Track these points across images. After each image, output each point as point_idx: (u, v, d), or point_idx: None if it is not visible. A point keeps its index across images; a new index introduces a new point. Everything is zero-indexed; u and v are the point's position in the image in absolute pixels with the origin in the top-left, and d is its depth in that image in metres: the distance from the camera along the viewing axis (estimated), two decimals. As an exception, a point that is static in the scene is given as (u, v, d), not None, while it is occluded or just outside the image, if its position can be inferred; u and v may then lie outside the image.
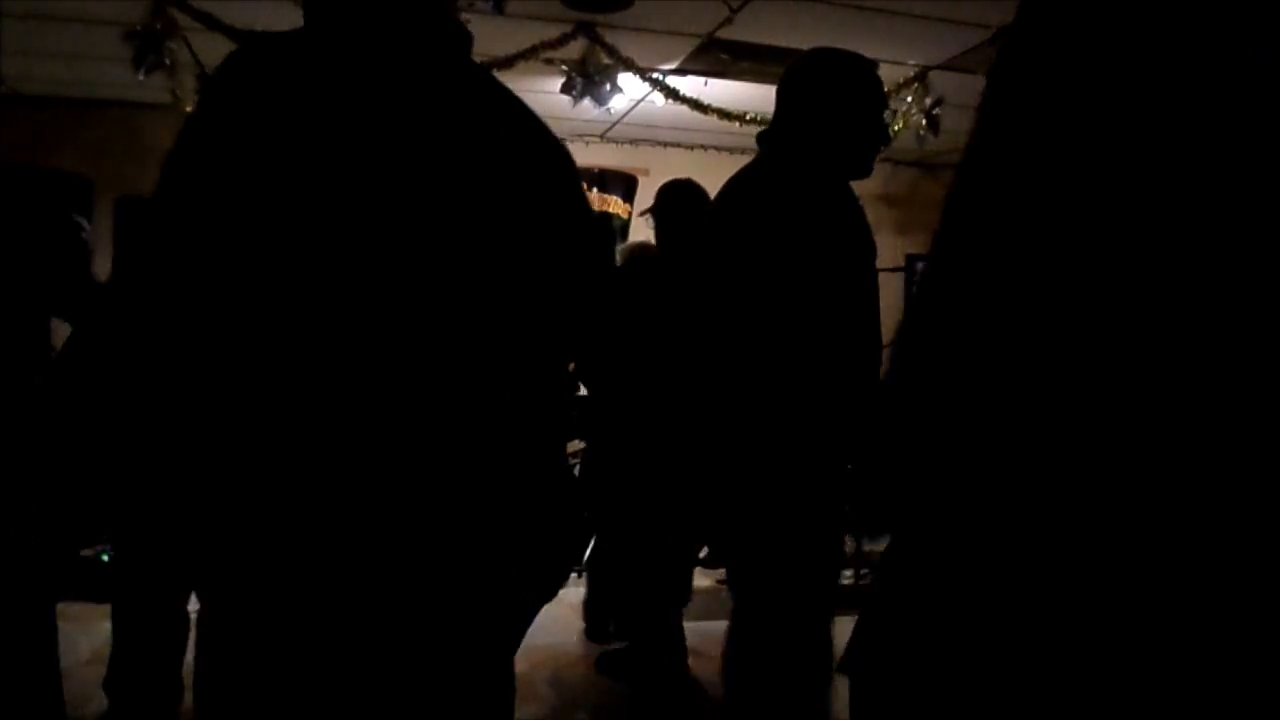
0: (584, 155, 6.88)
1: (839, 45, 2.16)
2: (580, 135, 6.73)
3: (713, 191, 7.96)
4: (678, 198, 3.41)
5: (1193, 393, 0.60)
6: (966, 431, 0.70)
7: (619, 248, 4.24)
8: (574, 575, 5.02)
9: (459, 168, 1.06)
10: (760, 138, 2.15)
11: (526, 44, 4.51)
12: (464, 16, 4.73)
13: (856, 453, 1.94)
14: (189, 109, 4.60)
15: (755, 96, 5.44)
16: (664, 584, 3.75)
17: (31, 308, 2.59)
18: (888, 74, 5.07)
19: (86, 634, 2.72)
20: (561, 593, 5.31)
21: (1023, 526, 0.67)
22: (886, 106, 2.05)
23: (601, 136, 6.73)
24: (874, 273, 2.11)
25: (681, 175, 6.88)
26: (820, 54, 2.10)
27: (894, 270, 4.15)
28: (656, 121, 6.16)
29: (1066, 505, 0.65)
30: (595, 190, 6.99)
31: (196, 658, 1.05)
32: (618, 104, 5.23)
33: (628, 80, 4.94)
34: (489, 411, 1.02)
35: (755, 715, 2.07)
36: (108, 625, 2.66)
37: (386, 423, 0.96)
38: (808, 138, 2.01)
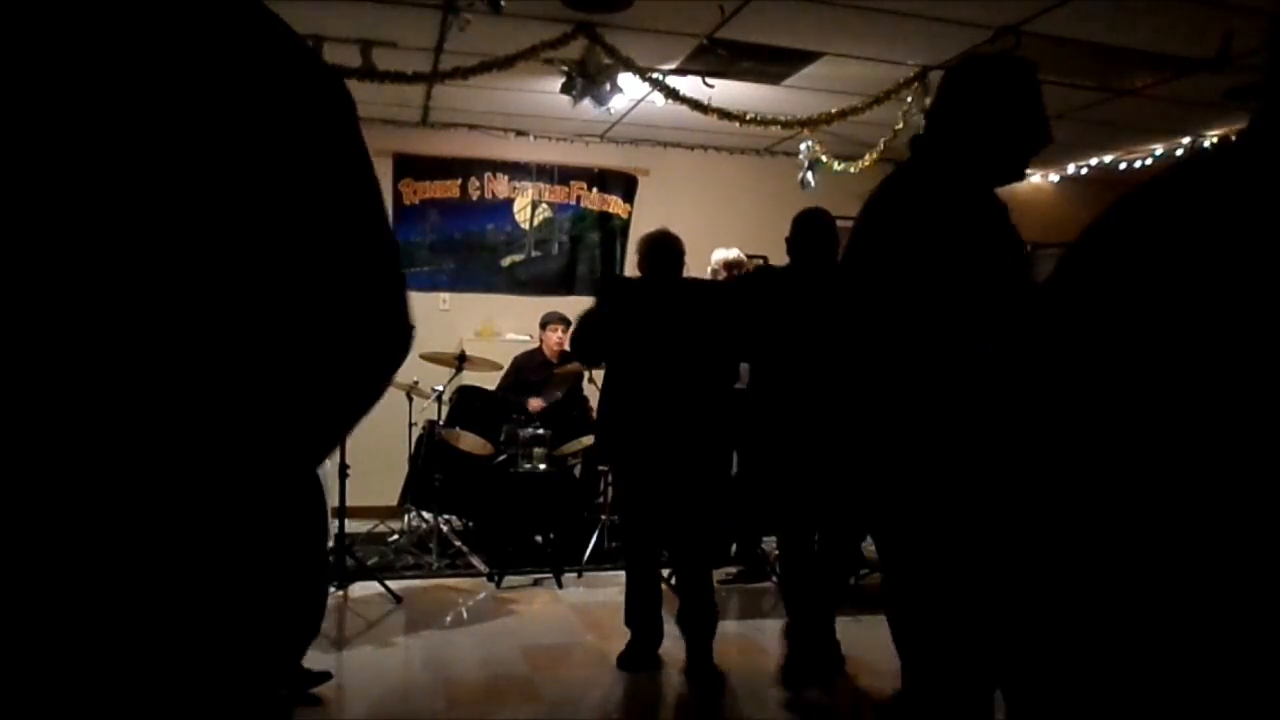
0: (584, 155, 6.88)
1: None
2: (580, 135, 6.73)
3: (711, 190, 7.90)
4: (811, 227, 3.63)
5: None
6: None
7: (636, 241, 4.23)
8: (574, 575, 5.00)
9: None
10: (912, 142, 2.22)
11: (526, 44, 4.50)
12: (464, 16, 4.67)
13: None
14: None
15: (755, 96, 5.43)
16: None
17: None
18: (888, 74, 5.09)
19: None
20: (561, 593, 5.29)
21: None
22: (1042, 107, 2.09)
23: (601, 136, 6.73)
24: (1024, 269, 2.14)
25: (681, 175, 6.92)
26: (974, 61, 2.20)
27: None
28: (656, 121, 6.15)
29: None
30: (595, 190, 6.99)
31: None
32: (618, 104, 5.22)
33: (628, 80, 4.93)
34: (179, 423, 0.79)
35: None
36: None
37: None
38: (954, 144, 2.08)
